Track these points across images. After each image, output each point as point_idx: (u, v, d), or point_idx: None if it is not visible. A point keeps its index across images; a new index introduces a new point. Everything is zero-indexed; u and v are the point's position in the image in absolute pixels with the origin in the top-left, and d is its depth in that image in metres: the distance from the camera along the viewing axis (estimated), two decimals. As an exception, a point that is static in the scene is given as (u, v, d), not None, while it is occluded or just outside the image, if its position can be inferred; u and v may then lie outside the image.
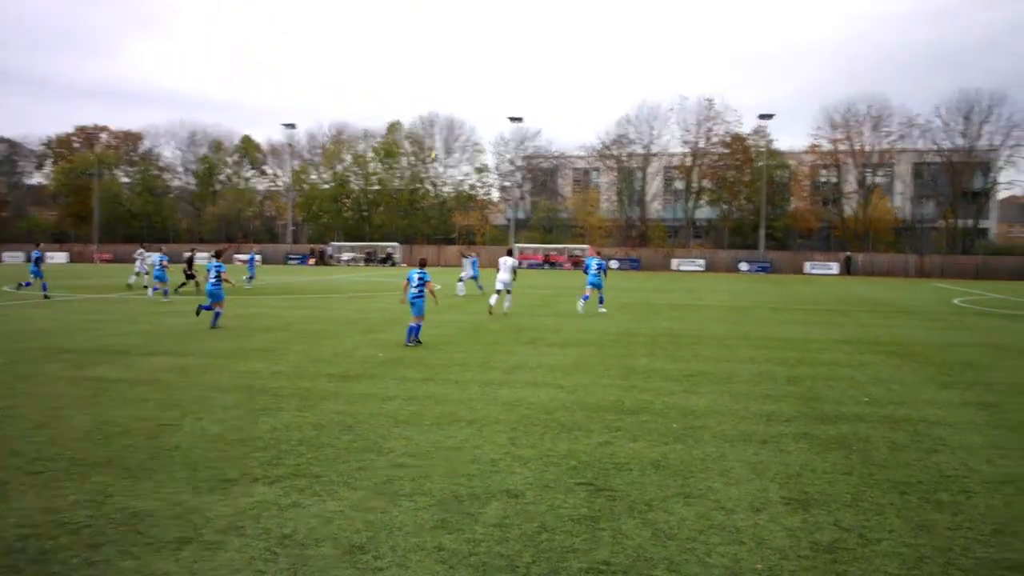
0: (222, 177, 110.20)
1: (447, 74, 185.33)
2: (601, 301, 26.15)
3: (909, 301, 35.92)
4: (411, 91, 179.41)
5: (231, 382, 12.25)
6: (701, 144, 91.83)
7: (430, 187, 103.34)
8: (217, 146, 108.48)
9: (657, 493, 7.02)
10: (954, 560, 5.62)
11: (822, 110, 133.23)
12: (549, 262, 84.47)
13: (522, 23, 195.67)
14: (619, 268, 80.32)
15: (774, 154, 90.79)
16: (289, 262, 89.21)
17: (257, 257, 39.36)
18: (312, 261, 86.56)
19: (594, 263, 26.12)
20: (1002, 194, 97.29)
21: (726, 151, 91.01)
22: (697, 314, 26.26)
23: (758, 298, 36.28)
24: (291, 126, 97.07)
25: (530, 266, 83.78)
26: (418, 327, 17.00)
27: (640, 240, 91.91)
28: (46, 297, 28.95)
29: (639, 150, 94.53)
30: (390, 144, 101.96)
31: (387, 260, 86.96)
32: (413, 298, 17.00)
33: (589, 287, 25.92)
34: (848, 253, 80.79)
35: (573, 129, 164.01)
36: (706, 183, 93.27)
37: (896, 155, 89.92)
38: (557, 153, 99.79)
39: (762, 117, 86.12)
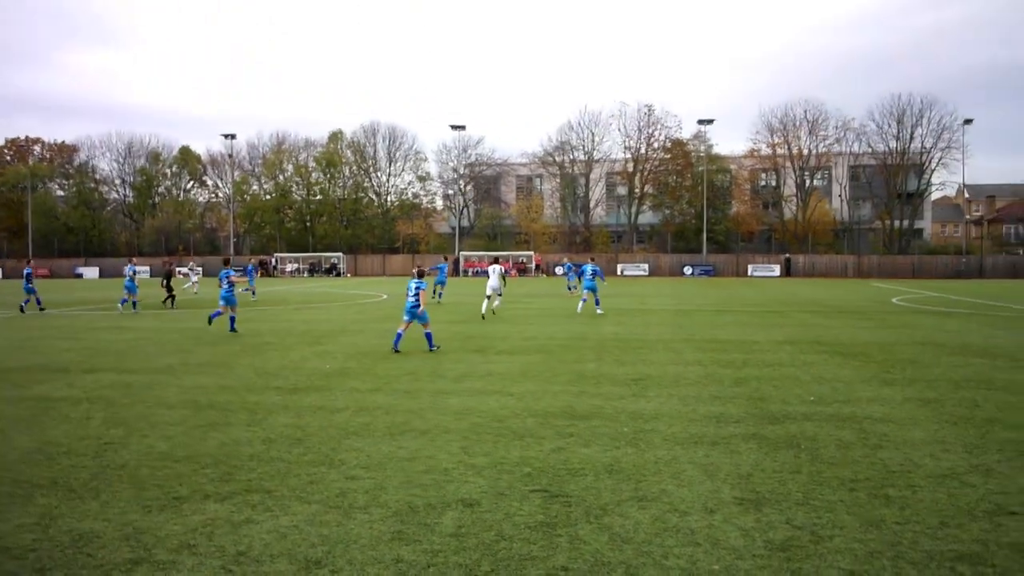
0: (161, 189, 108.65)
1: (388, 83, 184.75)
2: (597, 303, 28.15)
3: (849, 301, 36.65)
4: (352, 100, 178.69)
5: (177, 398, 12.04)
6: (642, 150, 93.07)
7: (373, 196, 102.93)
8: (155, 157, 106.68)
9: (612, 497, 7.06)
10: (903, 553, 5.74)
11: (760, 115, 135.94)
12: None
13: (463, 31, 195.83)
14: (564, 274, 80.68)
15: (714, 159, 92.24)
16: (232, 274, 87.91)
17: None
18: (259, 273, 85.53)
19: (589, 269, 28.32)
20: (935, 195, 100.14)
21: (667, 156, 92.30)
22: (643, 318, 26.49)
23: (702, 301, 36.74)
24: (231, 136, 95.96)
25: (475, 274, 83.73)
26: (429, 334, 17.60)
27: (584, 246, 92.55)
28: (29, 310, 28.10)
29: (581, 156, 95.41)
30: (332, 154, 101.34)
31: (332, 270, 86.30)
32: (411, 307, 17.37)
33: (585, 291, 27.98)
34: (788, 255, 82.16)
35: (516, 136, 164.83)
36: (648, 188, 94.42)
37: (833, 158, 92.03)
38: (500, 160, 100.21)
39: (701, 123, 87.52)
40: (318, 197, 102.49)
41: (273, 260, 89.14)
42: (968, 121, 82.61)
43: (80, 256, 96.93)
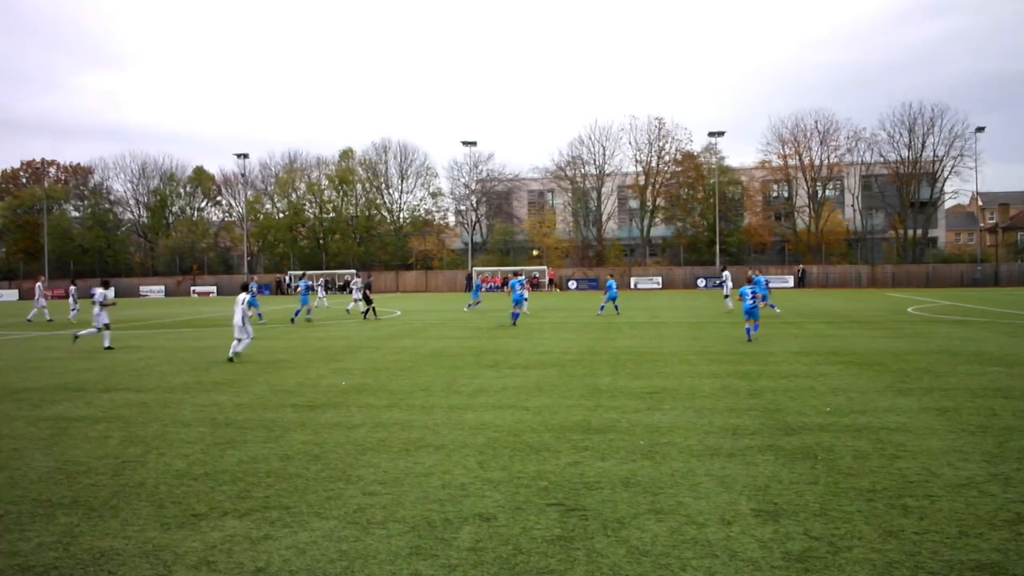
0: (175, 209, 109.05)
1: (399, 100, 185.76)
2: (616, 309, 36.26)
3: (863, 311, 36.49)
4: (363, 118, 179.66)
5: (194, 416, 12.11)
6: (653, 163, 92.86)
7: (386, 213, 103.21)
8: (169, 177, 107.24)
9: (628, 510, 7.06)
10: (923, 564, 5.72)
11: (771, 126, 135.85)
12: (507, 285, 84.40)
13: (473, 47, 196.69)
14: (577, 288, 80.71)
15: (726, 170, 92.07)
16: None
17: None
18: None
19: (614, 284, 36.78)
20: (948, 203, 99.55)
21: (678, 169, 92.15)
22: (657, 331, 26.46)
23: (716, 313, 36.63)
24: (244, 156, 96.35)
25: (488, 289, 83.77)
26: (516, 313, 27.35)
27: (597, 260, 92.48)
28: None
29: (593, 170, 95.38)
30: (344, 171, 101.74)
31: (346, 287, 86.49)
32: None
33: (607, 300, 36.05)
34: (802, 266, 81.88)
35: (527, 151, 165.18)
36: (660, 201, 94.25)
37: (844, 168, 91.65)
38: (511, 176, 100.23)
39: (712, 135, 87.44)
40: (331, 215, 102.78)
41: (287, 278, 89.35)
42: (980, 129, 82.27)
43: (95, 276, 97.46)
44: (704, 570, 5.68)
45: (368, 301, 35.99)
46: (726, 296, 38.59)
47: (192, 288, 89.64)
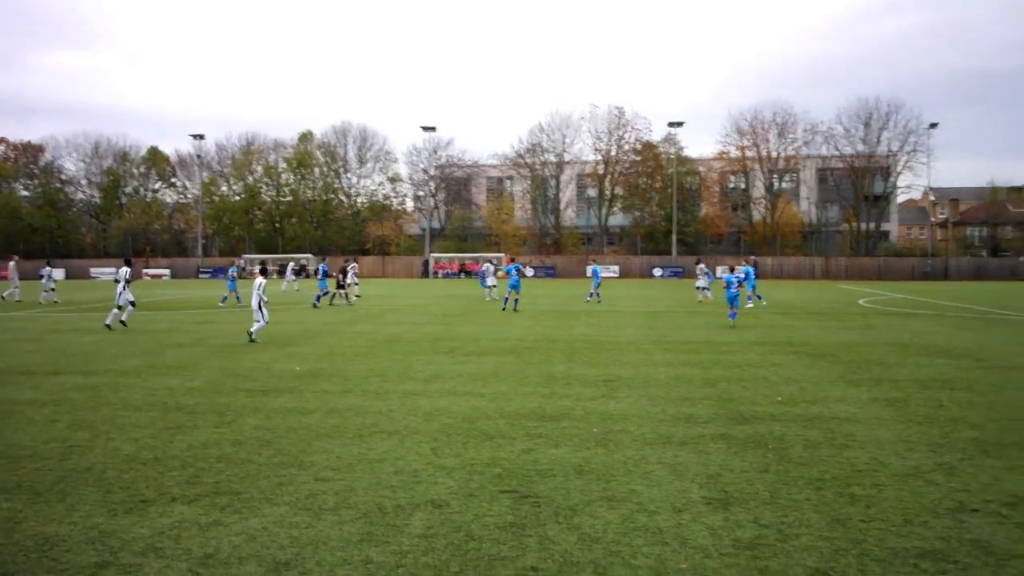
0: (128, 190, 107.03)
1: (359, 84, 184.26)
2: (599, 296, 37.56)
3: (817, 302, 36.99)
4: (322, 101, 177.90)
5: (144, 400, 11.93)
6: (613, 152, 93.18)
7: (343, 198, 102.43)
8: (123, 157, 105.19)
9: (581, 498, 7.08)
10: (868, 551, 5.81)
11: (730, 118, 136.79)
12: (465, 271, 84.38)
13: (434, 31, 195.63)
14: (534, 276, 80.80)
15: (684, 161, 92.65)
16: (201, 276, 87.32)
17: (234, 271, 38.02)
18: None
19: (598, 270, 39.19)
20: (901, 198, 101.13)
21: (637, 159, 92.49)
22: (613, 320, 26.58)
23: (672, 303, 36.93)
24: (200, 137, 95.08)
25: (445, 275, 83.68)
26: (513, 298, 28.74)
27: (555, 247, 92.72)
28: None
29: (552, 158, 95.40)
30: (302, 155, 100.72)
31: (302, 272, 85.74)
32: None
33: (594, 286, 37.60)
34: (753, 257, 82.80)
35: (486, 138, 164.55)
36: (618, 190, 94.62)
37: (801, 161, 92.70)
38: (470, 162, 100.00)
39: (671, 125, 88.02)
40: (288, 198, 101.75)
41: (242, 262, 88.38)
42: (933, 125, 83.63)
43: (45, 257, 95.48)
44: (655, 557, 5.72)
45: (339, 286, 35.64)
46: (702, 288, 38.49)
47: (145, 271, 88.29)
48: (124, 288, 23.65)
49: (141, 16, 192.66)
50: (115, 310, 23.78)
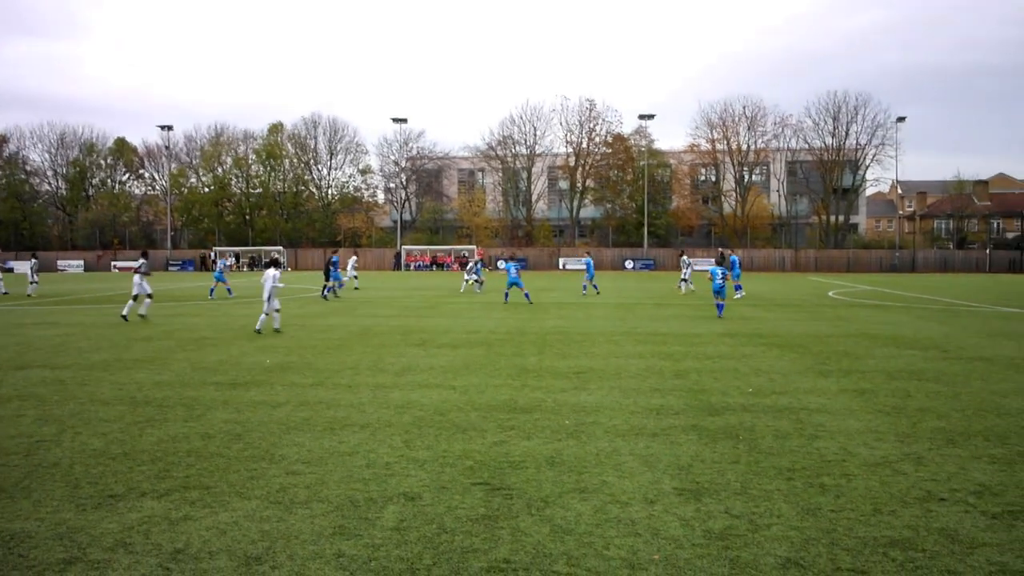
0: (95, 181, 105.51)
1: (329, 75, 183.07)
2: (595, 288, 37.82)
3: (786, 294, 37.28)
4: (293, 91, 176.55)
5: (112, 394, 11.79)
6: (584, 144, 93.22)
7: (314, 190, 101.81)
8: (89, 148, 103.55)
9: (553, 489, 7.09)
10: (838, 540, 5.86)
11: (700, 111, 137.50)
12: (437, 263, 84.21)
13: (406, 23, 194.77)
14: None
15: (655, 153, 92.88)
16: (170, 268, 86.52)
17: (228, 263, 37.69)
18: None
19: (591, 263, 38.09)
20: (869, 191, 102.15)
21: (608, 151, 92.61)
22: (584, 312, 26.64)
23: (643, 295, 37.06)
24: (168, 128, 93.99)
25: (416, 268, 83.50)
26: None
27: (526, 240, 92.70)
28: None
29: (523, 150, 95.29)
30: (272, 146, 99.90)
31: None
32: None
33: (587, 279, 37.10)
34: (721, 249, 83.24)
35: (458, 130, 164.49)
36: (590, 183, 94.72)
37: (771, 154, 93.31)
38: (442, 154, 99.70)
39: (642, 117, 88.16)
40: (258, 190, 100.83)
41: (212, 254, 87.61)
42: (901, 119, 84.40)
43: (11, 250, 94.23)
44: (627, 548, 5.73)
45: (327, 278, 35.15)
46: (686, 280, 38.64)
47: (113, 263, 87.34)
48: (141, 279, 23.85)
49: (106, 6, 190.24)
50: (131, 302, 23.82)
